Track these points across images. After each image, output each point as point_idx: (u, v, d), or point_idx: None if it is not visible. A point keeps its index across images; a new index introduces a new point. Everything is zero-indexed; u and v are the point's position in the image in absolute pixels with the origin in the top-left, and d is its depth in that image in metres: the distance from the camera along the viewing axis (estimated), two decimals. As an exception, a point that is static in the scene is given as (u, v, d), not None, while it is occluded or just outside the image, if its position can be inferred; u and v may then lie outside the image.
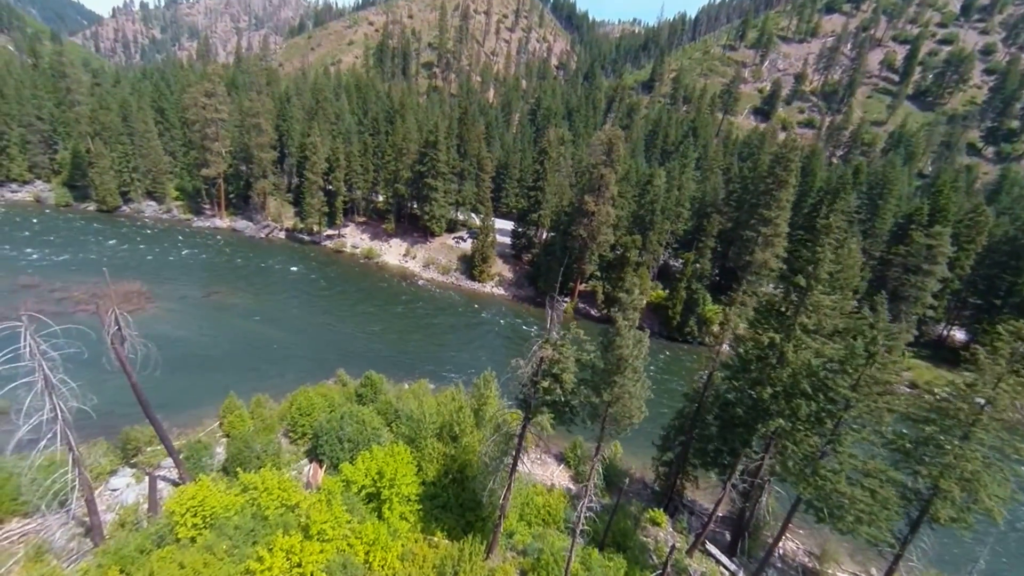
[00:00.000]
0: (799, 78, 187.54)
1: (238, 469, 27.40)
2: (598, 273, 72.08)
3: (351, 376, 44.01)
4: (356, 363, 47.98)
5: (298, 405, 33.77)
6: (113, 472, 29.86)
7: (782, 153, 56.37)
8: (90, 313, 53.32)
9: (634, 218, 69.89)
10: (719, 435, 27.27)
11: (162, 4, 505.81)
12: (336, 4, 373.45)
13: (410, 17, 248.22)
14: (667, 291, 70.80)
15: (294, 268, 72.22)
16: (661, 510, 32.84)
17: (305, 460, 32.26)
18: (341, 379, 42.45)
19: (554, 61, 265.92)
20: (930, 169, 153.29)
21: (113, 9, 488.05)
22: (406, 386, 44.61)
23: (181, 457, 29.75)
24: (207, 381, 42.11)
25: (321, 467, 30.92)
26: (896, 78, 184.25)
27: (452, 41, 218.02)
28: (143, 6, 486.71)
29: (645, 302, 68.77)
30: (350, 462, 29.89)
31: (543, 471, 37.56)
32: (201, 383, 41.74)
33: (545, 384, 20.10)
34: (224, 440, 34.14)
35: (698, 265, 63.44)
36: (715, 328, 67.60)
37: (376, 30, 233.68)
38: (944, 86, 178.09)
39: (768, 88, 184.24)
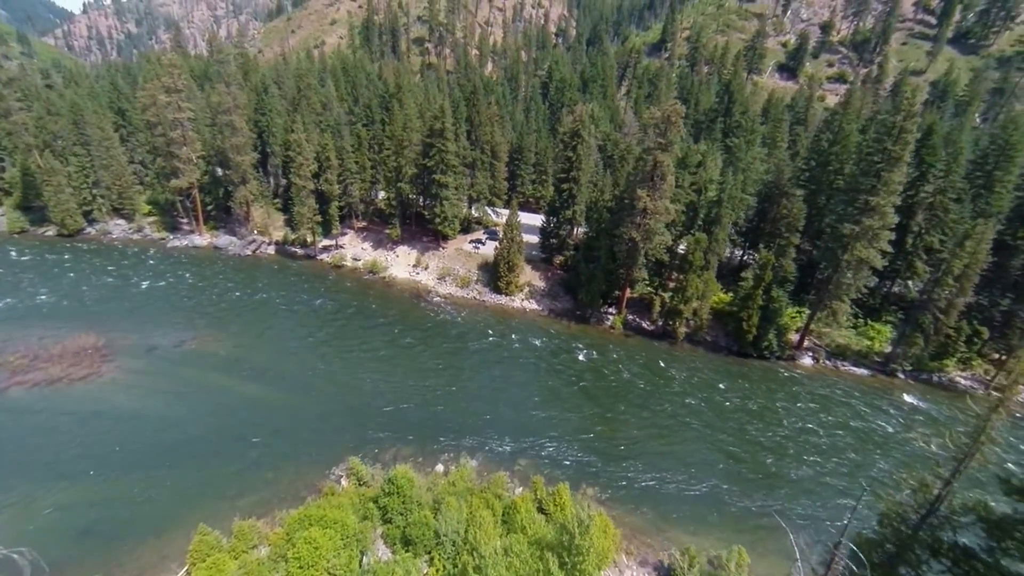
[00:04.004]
0: (826, 28, 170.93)
1: None
2: (646, 277, 60.47)
3: (367, 461, 33.31)
4: (370, 433, 37.22)
5: (297, 554, 22.94)
6: None
7: (892, 122, 43.85)
8: (30, 387, 42.73)
9: (687, 207, 57.85)
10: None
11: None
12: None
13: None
14: (730, 294, 59.32)
15: (283, 295, 60.83)
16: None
17: (312, 643, 21.68)
18: (355, 472, 31.67)
19: (552, 28, 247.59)
20: (977, 121, 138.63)
21: (84, 4, 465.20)
22: (440, 470, 33.84)
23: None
24: (174, 485, 31.42)
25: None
26: (934, 20, 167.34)
27: (443, 12, 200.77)
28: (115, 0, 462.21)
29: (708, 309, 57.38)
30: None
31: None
32: (165, 490, 31.05)
33: None
34: (194, 603, 23.55)
35: (778, 266, 51.66)
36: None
37: (360, 6, 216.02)
38: (989, 26, 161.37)
39: (793, 42, 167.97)
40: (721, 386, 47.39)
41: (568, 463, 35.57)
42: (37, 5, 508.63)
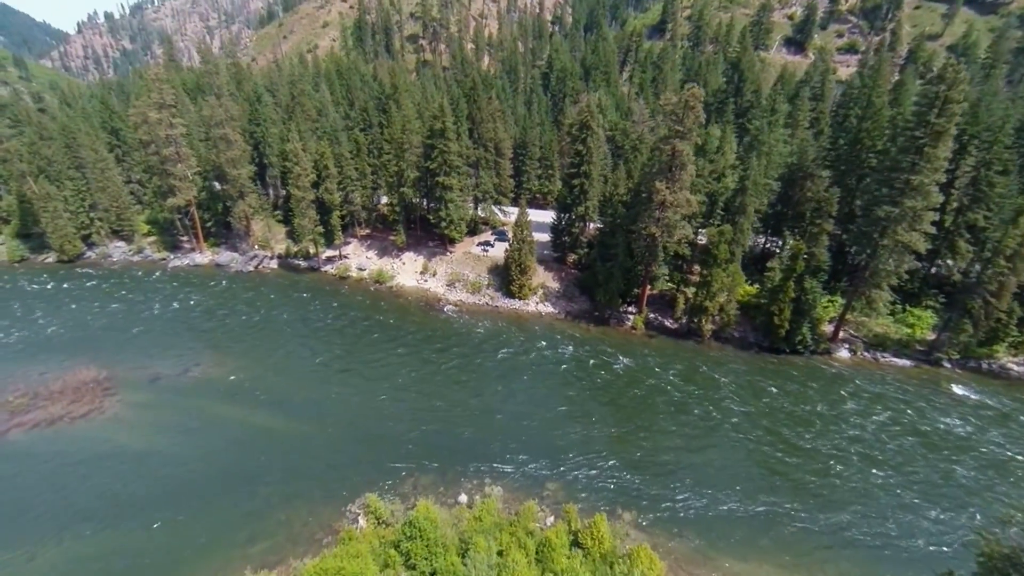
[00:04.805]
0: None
1: None
2: (666, 273, 57.26)
3: (385, 495, 30.90)
4: (388, 464, 34.77)
5: (312, 620, 20.57)
6: None
7: (934, 92, 40.12)
8: (29, 428, 40.85)
9: (707, 196, 54.42)
10: None
11: (127, 12, 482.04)
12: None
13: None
14: (755, 285, 56.04)
15: (289, 312, 58.59)
16: None
17: None
18: (373, 511, 29.26)
19: (547, 16, 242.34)
20: (1002, 85, 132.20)
21: (78, 24, 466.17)
22: (464, 501, 31.31)
23: None
24: (181, 533, 29.26)
25: None
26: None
27: (436, 7, 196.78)
28: (108, 17, 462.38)
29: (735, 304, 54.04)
30: None
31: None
32: (173, 539, 28.89)
33: None
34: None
35: (810, 255, 48.20)
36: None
37: (351, 7, 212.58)
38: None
39: (800, 13, 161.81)
40: (773, 389, 44.05)
41: (603, 485, 32.88)
42: (33, 28, 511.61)
